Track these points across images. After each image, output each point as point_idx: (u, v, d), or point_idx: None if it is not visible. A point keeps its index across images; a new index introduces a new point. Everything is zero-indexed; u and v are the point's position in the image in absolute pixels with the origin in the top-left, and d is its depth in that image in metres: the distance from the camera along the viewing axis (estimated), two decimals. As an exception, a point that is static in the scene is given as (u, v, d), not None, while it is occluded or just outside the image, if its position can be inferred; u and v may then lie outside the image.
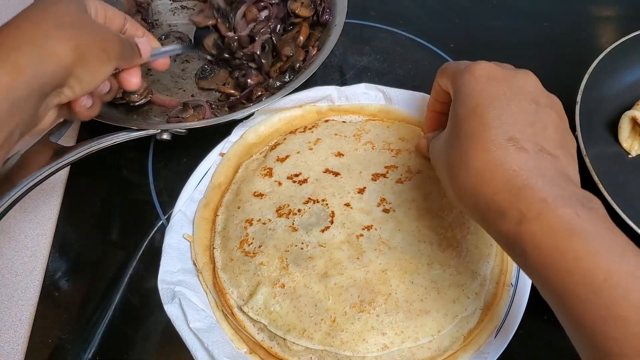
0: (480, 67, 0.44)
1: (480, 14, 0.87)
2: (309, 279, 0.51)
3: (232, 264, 0.55)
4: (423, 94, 0.64)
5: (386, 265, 0.51)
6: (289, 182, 0.59)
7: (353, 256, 0.52)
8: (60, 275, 0.62)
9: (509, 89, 0.42)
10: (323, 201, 0.56)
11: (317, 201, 0.56)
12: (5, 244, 0.65)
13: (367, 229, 0.54)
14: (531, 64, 0.80)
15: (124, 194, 0.70)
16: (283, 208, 0.57)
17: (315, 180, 0.58)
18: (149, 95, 0.73)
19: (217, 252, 0.57)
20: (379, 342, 0.48)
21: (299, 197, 0.57)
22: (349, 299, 0.50)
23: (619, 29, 0.84)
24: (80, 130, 0.73)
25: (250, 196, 0.59)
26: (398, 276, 0.51)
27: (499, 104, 0.41)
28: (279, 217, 0.56)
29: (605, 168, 0.60)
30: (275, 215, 0.56)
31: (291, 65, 0.72)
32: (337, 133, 0.63)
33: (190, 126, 0.63)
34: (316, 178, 0.58)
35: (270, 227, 0.56)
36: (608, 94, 0.68)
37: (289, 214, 0.56)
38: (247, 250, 0.55)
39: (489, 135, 0.39)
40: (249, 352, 0.52)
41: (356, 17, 0.83)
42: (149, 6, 0.84)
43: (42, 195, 0.68)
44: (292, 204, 0.57)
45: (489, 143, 0.39)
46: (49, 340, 0.58)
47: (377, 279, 0.50)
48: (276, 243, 0.54)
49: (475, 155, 0.39)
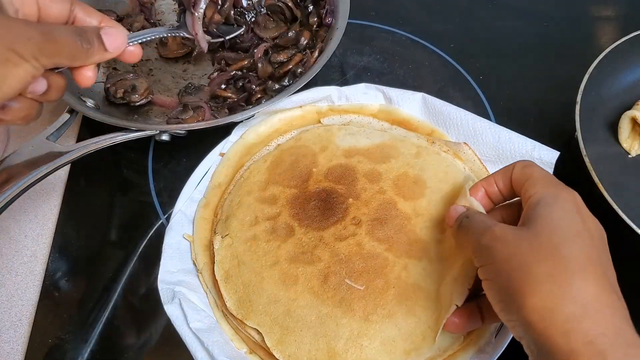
0: (575, 195, 0.43)
1: (480, 14, 0.87)
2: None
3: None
4: (423, 94, 0.64)
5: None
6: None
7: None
8: (60, 276, 0.62)
9: (593, 223, 0.41)
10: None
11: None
12: (5, 244, 0.65)
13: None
14: (531, 64, 0.81)
15: (124, 194, 0.70)
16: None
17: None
18: (149, 96, 0.74)
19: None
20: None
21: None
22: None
23: (619, 29, 0.84)
24: (80, 130, 0.74)
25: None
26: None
27: (593, 239, 0.40)
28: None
29: (605, 168, 0.60)
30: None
31: (292, 70, 0.72)
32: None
33: (189, 128, 0.63)
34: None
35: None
36: (608, 94, 0.68)
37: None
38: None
39: (596, 273, 0.38)
40: (249, 352, 0.52)
41: (356, 17, 0.83)
42: (152, 6, 0.84)
43: (42, 195, 0.68)
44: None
45: (602, 279, 0.38)
46: (49, 340, 0.58)
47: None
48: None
49: (584, 287, 0.37)
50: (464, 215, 0.47)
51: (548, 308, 0.36)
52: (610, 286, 0.38)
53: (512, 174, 0.47)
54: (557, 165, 0.56)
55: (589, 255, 0.38)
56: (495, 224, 0.43)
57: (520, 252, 0.39)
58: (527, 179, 0.45)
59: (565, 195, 0.42)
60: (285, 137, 0.65)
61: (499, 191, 0.49)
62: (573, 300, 0.36)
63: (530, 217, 0.42)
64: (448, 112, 0.62)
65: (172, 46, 0.78)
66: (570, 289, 0.37)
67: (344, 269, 0.52)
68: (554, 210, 0.41)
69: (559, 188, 0.43)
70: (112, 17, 0.80)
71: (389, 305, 0.50)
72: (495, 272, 0.41)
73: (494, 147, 0.59)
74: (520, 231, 0.41)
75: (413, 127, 0.64)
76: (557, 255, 0.38)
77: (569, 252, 0.38)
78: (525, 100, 0.75)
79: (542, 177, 0.45)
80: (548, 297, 0.37)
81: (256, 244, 0.55)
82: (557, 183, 0.44)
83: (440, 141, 0.61)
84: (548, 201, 0.42)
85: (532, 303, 0.37)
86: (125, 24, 0.79)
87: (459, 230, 0.46)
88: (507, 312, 0.40)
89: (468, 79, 0.78)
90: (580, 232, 0.40)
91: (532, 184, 0.44)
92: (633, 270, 0.47)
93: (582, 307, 0.36)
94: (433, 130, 0.63)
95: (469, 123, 0.61)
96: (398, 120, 0.65)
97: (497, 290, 0.41)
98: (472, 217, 0.46)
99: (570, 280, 0.37)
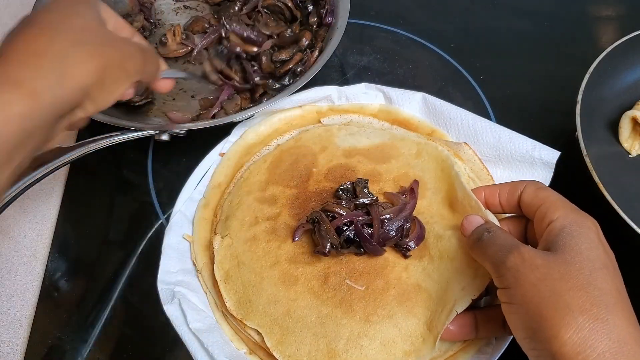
0: (596, 224, 0.42)
1: (480, 14, 0.87)
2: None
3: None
4: (423, 94, 0.64)
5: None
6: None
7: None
8: (59, 276, 0.62)
9: (614, 260, 0.41)
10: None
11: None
12: (5, 244, 0.65)
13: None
14: (531, 64, 0.81)
15: (124, 194, 0.70)
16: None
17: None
18: (149, 96, 0.74)
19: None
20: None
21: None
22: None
23: (619, 29, 0.84)
24: (79, 130, 0.73)
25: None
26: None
27: (619, 274, 0.40)
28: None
29: (606, 168, 0.60)
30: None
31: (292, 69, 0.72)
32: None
33: (189, 127, 0.63)
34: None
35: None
36: (608, 94, 0.68)
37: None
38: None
39: (627, 307, 0.38)
40: (249, 353, 0.52)
41: (357, 17, 0.83)
42: (152, 6, 0.84)
43: (42, 195, 0.68)
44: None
45: (631, 314, 0.37)
46: (48, 340, 0.58)
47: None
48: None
49: (619, 322, 0.36)
50: (484, 229, 0.45)
51: (583, 343, 0.35)
52: (636, 321, 0.37)
53: (523, 194, 0.46)
54: (557, 165, 0.56)
55: (618, 289, 0.38)
56: (521, 244, 0.41)
57: (552, 279, 0.38)
58: (543, 202, 0.44)
59: (590, 224, 0.41)
60: (285, 137, 0.65)
61: (499, 203, 0.48)
62: (608, 336, 0.35)
63: (555, 244, 0.40)
64: (448, 112, 0.62)
65: (172, 46, 0.78)
66: (605, 324, 0.35)
67: (344, 269, 0.52)
68: (581, 240, 0.40)
69: (582, 216, 0.42)
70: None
71: (389, 305, 0.49)
72: (521, 297, 0.39)
73: (494, 147, 0.59)
74: (550, 256, 0.39)
75: (413, 127, 0.64)
76: (591, 286, 0.37)
77: (602, 284, 0.37)
78: (526, 100, 0.75)
79: (561, 201, 0.44)
80: (583, 330, 0.35)
81: (256, 244, 0.55)
82: (577, 210, 0.43)
83: (441, 141, 0.61)
84: (573, 229, 0.41)
85: (565, 336, 0.35)
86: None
87: (478, 244, 0.44)
88: (534, 340, 0.38)
89: (468, 78, 0.77)
90: (607, 264, 0.39)
91: (551, 209, 0.43)
92: (633, 270, 0.47)
93: (617, 343, 0.35)
94: (433, 130, 0.63)
95: (469, 123, 0.61)
96: (398, 120, 0.65)
97: (522, 317, 0.39)
98: (495, 234, 0.44)
99: (605, 315, 0.36)
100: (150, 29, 0.82)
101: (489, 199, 0.49)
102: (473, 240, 0.45)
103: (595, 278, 0.37)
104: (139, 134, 0.62)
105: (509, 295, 0.40)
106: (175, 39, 0.79)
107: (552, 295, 0.37)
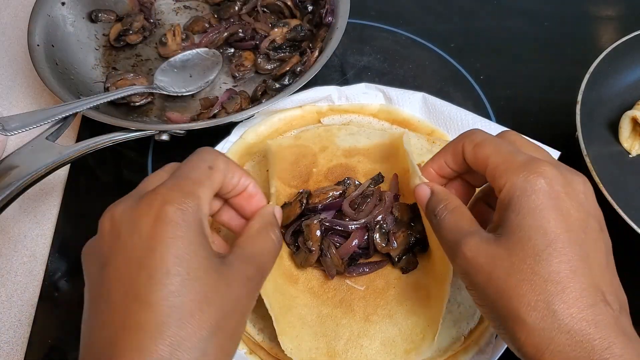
0: (551, 173, 0.36)
1: (481, 14, 0.87)
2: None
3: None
4: (423, 94, 0.64)
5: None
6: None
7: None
8: (59, 276, 0.62)
9: (581, 212, 0.36)
10: None
11: None
12: (5, 244, 0.65)
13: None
14: (531, 64, 0.81)
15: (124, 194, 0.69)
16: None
17: None
18: (149, 97, 0.74)
19: None
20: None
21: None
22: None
23: (619, 29, 0.84)
24: (79, 130, 0.73)
25: None
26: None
27: (578, 238, 0.35)
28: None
29: (606, 168, 0.60)
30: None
31: (292, 69, 0.72)
32: None
33: (189, 127, 0.63)
34: None
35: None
36: (608, 94, 0.68)
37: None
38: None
39: (580, 285, 0.33)
40: (249, 353, 0.52)
41: (356, 17, 0.83)
42: (152, 6, 0.84)
43: (42, 195, 0.68)
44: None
45: (581, 296, 0.33)
46: (49, 341, 0.58)
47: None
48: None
49: (565, 308, 0.33)
50: (432, 212, 0.41)
51: (539, 343, 0.33)
52: (598, 297, 0.34)
53: (466, 157, 0.40)
54: (557, 165, 0.56)
55: (572, 268, 0.34)
56: (464, 237, 0.37)
57: (497, 279, 0.35)
58: (486, 165, 0.38)
59: (539, 185, 0.35)
60: (285, 136, 0.65)
61: (452, 171, 0.43)
62: (559, 329, 0.33)
63: (504, 223, 0.36)
64: (448, 111, 0.62)
65: (171, 45, 0.78)
66: (554, 318, 0.33)
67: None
68: (527, 214, 0.35)
69: (530, 175, 0.35)
70: (112, 16, 0.81)
71: (389, 305, 0.50)
72: (477, 298, 0.37)
73: (494, 147, 0.59)
74: (493, 249, 0.36)
75: (413, 127, 0.64)
76: (536, 276, 0.34)
77: (547, 268, 0.34)
78: (526, 100, 0.75)
79: (504, 160, 0.37)
80: (534, 332, 0.33)
81: None
82: (526, 164, 0.36)
83: (441, 141, 0.61)
84: (519, 201, 0.35)
85: (522, 338, 0.34)
86: (125, 24, 0.79)
87: (432, 227, 0.41)
88: (504, 337, 0.37)
89: (468, 78, 0.77)
90: (559, 235, 0.34)
91: (497, 174, 0.37)
92: (633, 270, 0.47)
93: (567, 334, 0.33)
94: (433, 130, 0.63)
95: (469, 123, 0.61)
96: (398, 120, 0.65)
97: (484, 310, 0.38)
98: (442, 220, 0.40)
99: (552, 307, 0.33)
100: (150, 29, 0.82)
101: (440, 171, 0.43)
102: (428, 219, 0.42)
103: (539, 263, 0.34)
104: (139, 134, 0.62)
105: (470, 294, 0.39)
106: (175, 39, 0.79)
107: (500, 298, 0.35)
